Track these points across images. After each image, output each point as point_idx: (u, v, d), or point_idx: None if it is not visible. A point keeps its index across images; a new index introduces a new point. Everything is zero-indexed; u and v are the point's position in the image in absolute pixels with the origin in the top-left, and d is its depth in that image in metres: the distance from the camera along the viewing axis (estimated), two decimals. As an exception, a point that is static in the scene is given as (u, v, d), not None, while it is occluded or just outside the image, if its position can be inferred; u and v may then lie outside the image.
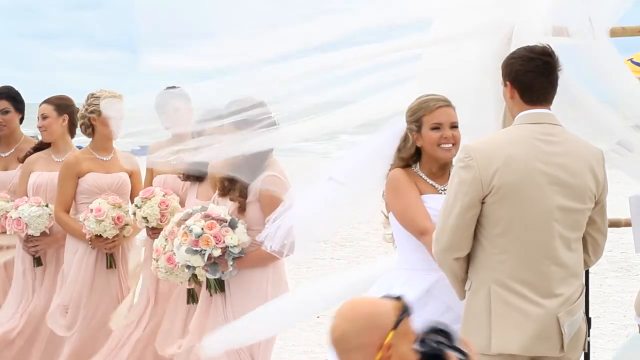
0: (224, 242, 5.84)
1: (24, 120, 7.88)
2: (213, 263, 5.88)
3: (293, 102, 5.71)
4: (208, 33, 5.55)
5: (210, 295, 6.11)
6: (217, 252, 5.84)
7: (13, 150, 7.81)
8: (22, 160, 7.57)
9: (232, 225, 5.89)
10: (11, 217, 7.29)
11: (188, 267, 5.94)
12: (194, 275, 6.37)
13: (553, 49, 4.84)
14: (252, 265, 5.98)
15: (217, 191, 6.16)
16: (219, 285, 6.03)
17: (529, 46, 4.88)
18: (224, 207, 5.99)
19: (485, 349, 4.70)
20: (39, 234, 7.29)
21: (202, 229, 5.85)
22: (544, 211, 4.67)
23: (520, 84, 4.79)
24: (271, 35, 5.52)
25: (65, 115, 7.41)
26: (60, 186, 7.19)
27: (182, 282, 6.42)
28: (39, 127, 7.47)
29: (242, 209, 5.97)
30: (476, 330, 4.72)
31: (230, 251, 5.86)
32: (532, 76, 4.77)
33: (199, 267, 5.91)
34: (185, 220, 5.99)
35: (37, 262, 7.39)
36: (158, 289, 7.00)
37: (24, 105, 7.86)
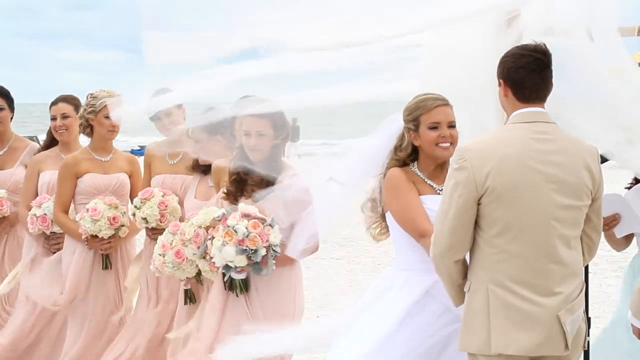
0: (267, 240, 5.83)
1: (22, 121, 7.91)
2: (255, 262, 5.87)
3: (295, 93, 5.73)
4: (211, 19, 5.56)
5: (237, 296, 6.03)
6: (263, 251, 5.83)
7: (6, 148, 7.84)
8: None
9: (272, 224, 5.87)
10: (35, 214, 7.29)
11: (227, 267, 5.89)
12: (198, 274, 6.36)
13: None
14: (282, 264, 5.98)
15: (221, 194, 6.13)
16: (245, 286, 6.00)
17: (522, 44, 4.91)
18: (254, 207, 5.94)
19: (484, 350, 4.70)
20: (62, 231, 7.29)
21: (247, 228, 5.82)
22: (542, 210, 4.67)
23: (512, 81, 4.80)
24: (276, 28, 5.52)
25: None
26: (59, 186, 7.19)
27: (187, 278, 6.40)
28: (59, 127, 7.43)
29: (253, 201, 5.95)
30: (475, 331, 4.72)
31: (273, 249, 5.85)
32: (523, 72, 4.78)
33: (240, 266, 5.86)
34: (219, 221, 5.93)
35: None
36: (159, 290, 7.00)
37: (13, 104, 7.90)
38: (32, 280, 7.25)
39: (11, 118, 7.87)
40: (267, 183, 5.95)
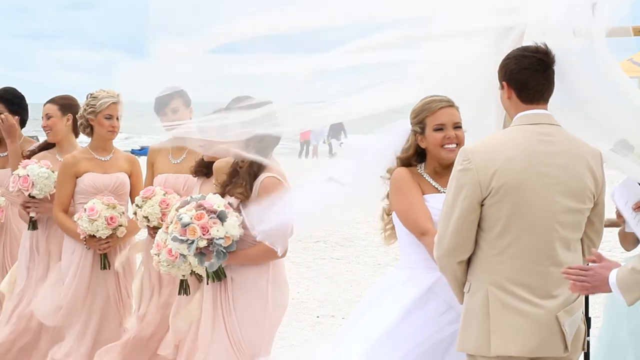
0: (209, 233, 5.85)
1: (27, 121, 7.93)
2: (200, 253, 5.89)
3: (293, 99, 5.73)
4: (213, 18, 5.57)
5: (207, 283, 6.09)
6: (202, 243, 5.85)
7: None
8: (25, 157, 7.60)
9: (222, 218, 5.88)
10: (18, 174, 7.29)
11: (181, 255, 5.95)
12: (194, 272, 6.38)
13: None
14: (245, 262, 5.99)
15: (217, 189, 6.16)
16: (216, 275, 6.03)
17: (523, 46, 4.91)
18: (222, 199, 5.99)
19: (484, 351, 4.71)
20: (41, 197, 7.30)
21: (191, 218, 5.86)
22: (545, 212, 4.67)
23: (516, 83, 4.80)
24: (271, 22, 5.52)
25: (69, 114, 7.43)
26: (59, 186, 7.20)
27: (183, 276, 6.40)
28: (44, 127, 7.48)
29: (243, 205, 5.97)
30: (475, 332, 4.72)
31: (215, 243, 5.86)
32: (526, 74, 4.78)
33: (189, 255, 5.91)
34: (182, 207, 6.02)
35: (33, 225, 7.38)
36: (161, 288, 7.00)
37: (21, 107, 7.87)
38: (39, 300, 7.24)
39: (23, 121, 7.88)
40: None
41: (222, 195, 6.05)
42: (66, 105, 7.47)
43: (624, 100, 5.19)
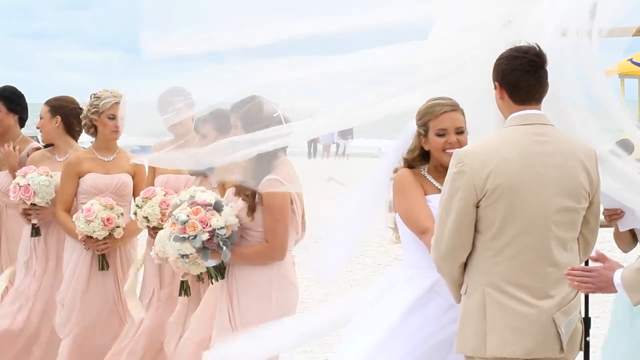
0: (210, 225, 5.86)
1: (26, 120, 7.94)
2: (203, 248, 5.89)
3: (293, 101, 5.73)
4: (208, 18, 5.58)
5: (212, 283, 6.10)
6: (205, 236, 5.85)
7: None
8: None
9: (218, 208, 5.90)
10: (18, 183, 7.30)
11: (183, 256, 5.95)
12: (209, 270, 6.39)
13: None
14: (240, 261, 6.00)
15: (233, 189, 6.15)
16: (219, 272, 6.03)
17: (515, 46, 4.92)
18: (212, 193, 6.03)
19: (480, 352, 4.72)
20: (44, 204, 7.30)
21: (188, 215, 5.88)
22: (541, 212, 4.68)
23: (507, 83, 4.81)
24: (268, 29, 5.53)
25: (58, 116, 7.45)
26: (61, 185, 7.24)
27: (201, 273, 6.40)
28: (37, 128, 7.53)
29: (251, 209, 5.97)
30: (471, 333, 4.74)
31: (217, 233, 5.87)
32: (518, 74, 4.79)
33: (191, 254, 5.91)
34: (173, 211, 6.03)
35: (36, 232, 7.39)
36: (162, 287, 7.01)
37: (20, 106, 7.87)
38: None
39: (23, 120, 7.89)
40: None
41: (237, 195, 6.05)
42: (56, 106, 7.49)
43: (600, 105, 5.21)
